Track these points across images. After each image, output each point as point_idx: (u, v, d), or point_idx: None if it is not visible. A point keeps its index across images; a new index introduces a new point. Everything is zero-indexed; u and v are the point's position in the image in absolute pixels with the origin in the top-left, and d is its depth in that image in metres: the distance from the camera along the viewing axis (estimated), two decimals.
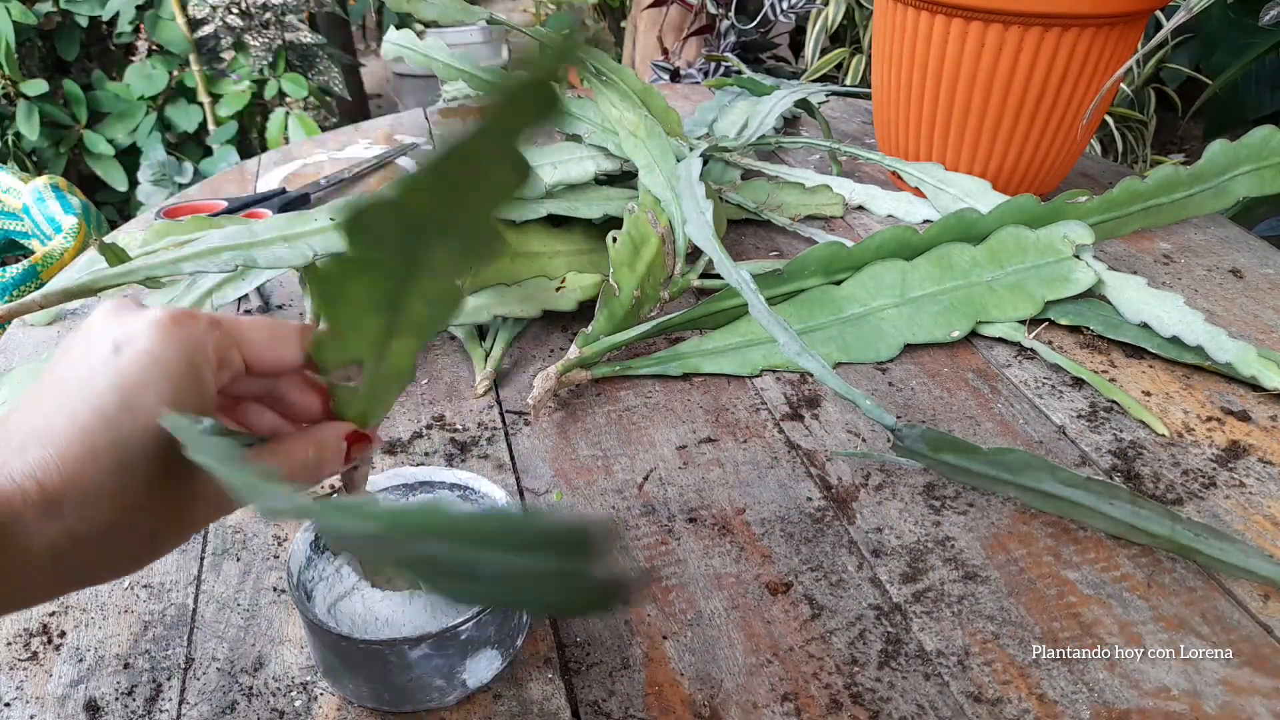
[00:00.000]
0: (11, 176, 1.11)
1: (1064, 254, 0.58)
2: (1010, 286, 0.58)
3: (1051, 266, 0.58)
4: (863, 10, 1.42)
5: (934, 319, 0.58)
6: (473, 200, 0.23)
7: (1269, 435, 0.50)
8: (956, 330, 0.58)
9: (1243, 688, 0.37)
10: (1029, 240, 0.59)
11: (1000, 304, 0.58)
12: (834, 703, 0.37)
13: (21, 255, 1.13)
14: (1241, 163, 0.65)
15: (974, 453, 0.43)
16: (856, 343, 0.57)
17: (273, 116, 1.67)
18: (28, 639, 0.40)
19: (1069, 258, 0.58)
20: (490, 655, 0.37)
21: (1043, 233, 0.59)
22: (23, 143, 1.63)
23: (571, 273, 0.61)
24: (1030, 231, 0.59)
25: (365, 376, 0.29)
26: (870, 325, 0.58)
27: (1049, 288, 0.58)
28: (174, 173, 1.66)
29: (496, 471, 0.49)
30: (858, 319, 0.58)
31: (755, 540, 0.44)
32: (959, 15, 0.65)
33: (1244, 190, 0.65)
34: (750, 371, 0.56)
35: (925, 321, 0.58)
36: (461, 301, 0.31)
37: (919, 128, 0.73)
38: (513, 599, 0.27)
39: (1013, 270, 0.59)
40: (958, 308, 0.58)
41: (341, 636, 0.34)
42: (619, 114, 0.66)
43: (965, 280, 0.59)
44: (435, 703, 0.36)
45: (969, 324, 0.58)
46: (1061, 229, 0.59)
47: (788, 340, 0.48)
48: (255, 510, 0.37)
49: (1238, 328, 0.60)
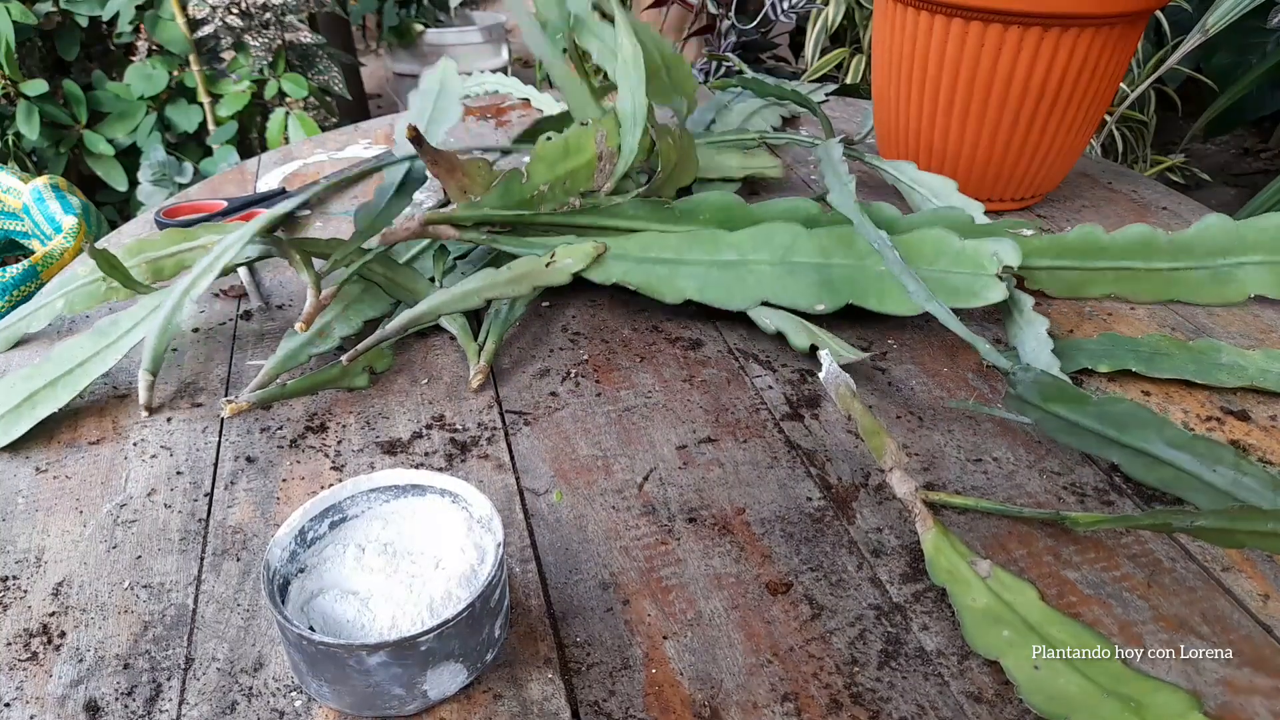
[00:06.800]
0: (11, 176, 1.11)
1: (985, 270, 0.55)
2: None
3: (964, 278, 0.56)
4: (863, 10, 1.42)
5: (805, 287, 0.57)
6: None
7: (1269, 435, 0.50)
8: (823, 304, 0.56)
9: (1243, 688, 0.37)
10: (952, 247, 0.56)
11: (882, 295, 0.56)
12: (834, 703, 0.37)
13: (21, 255, 1.13)
14: (1249, 249, 0.60)
15: (1084, 402, 0.43)
16: (714, 285, 0.57)
17: (273, 116, 1.67)
18: (28, 639, 0.40)
19: (989, 275, 0.55)
20: (454, 669, 0.36)
21: (971, 244, 0.56)
22: (23, 143, 1.63)
23: (560, 247, 0.60)
24: (958, 240, 0.56)
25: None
26: (736, 274, 0.58)
27: (948, 295, 0.55)
28: (174, 173, 1.66)
29: (496, 471, 0.49)
30: (728, 264, 0.58)
31: (755, 540, 0.44)
32: (959, 15, 0.66)
33: (1254, 285, 0.60)
34: (604, 280, 0.58)
35: (794, 286, 0.57)
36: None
37: (919, 127, 0.73)
38: None
39: (916, 269, 0.56)
40: (835, 284, 0.57)
41: (301, 635, 0.34)
42: (621, 41, 0.68)
43: (858, 262, 0.57)
44: (395, 711, 0.36)
45: (840, 302, 0.56)
46: (992, 245, 0.55)
47: (917, 289, 0.52)
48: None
49: (1237, 328, 0.60)
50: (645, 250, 0.59)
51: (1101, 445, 0.46)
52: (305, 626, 0.36)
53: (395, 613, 0.36)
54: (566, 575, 0.43)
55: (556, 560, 0.43)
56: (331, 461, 0.50)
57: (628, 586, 0.42)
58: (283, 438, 0.52)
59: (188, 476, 0.49)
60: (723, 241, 0.59)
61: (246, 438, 0.52)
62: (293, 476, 0.49)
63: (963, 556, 0.41)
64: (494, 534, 0.38)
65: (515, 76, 1.03)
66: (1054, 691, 0.35)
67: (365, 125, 0.99)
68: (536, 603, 0.41)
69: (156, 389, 0.56)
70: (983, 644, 0.38)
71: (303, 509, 0.40)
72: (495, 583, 0.37)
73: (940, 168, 0.74)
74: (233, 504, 0.47)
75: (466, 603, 0.35)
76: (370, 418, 0.53)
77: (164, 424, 0.53)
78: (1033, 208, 0.77)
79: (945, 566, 0.41)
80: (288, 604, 0.38)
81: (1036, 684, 0.36)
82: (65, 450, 0.52)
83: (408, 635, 0.34)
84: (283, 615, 0.35)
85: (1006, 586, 0.39)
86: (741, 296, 0.57)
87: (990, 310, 0.62)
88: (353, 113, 2.12)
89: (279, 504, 0.47)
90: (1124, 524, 0.43)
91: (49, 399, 0.53)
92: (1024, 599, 0.39)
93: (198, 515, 0.47)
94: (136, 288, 0.58)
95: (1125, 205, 0.78)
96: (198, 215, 0.76)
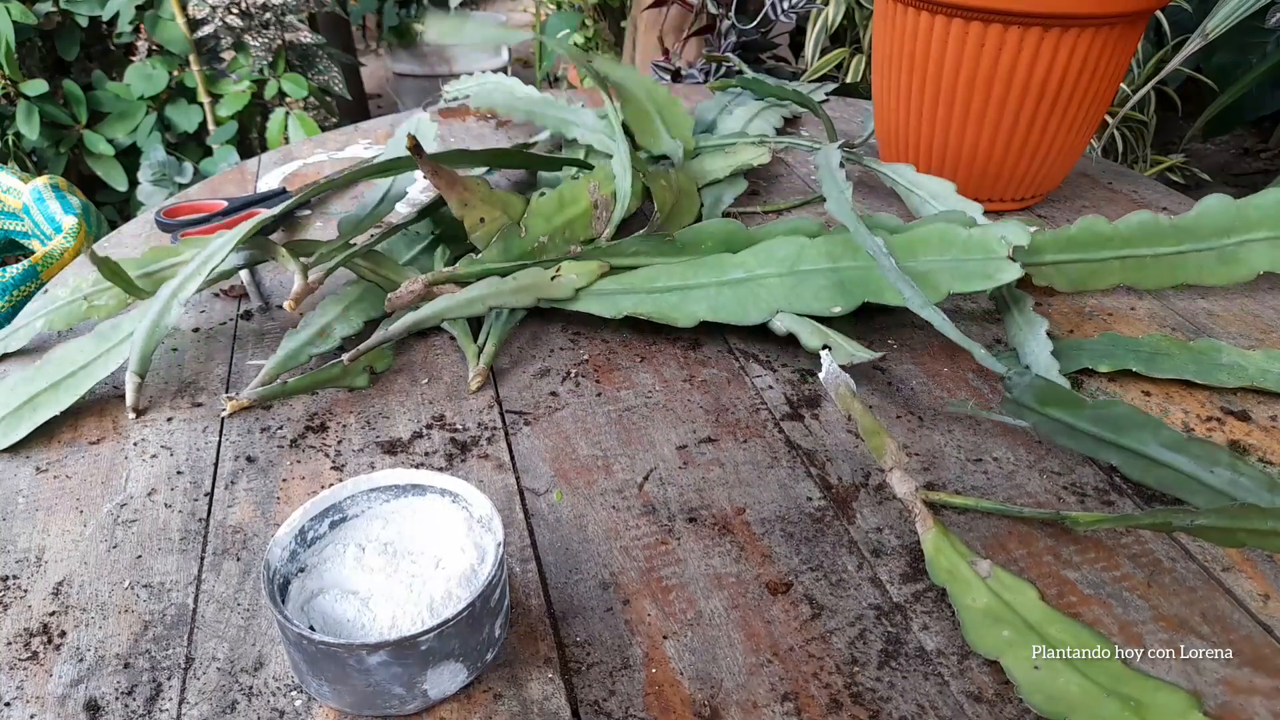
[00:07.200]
0: (11, 176, 1.11)
1: (996, 254, 0.55)
2: (917, 275, 0.56)
3: (976, 263, 0.55)
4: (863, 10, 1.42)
5: (817, 293, 0.57)
6: None
7: (1269, 435, 0.50)
8: (838, 307, 0.56)
9: (1243, 688, 0.37)
10: (958, 237, 0.56)
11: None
12: (834, 703, 0.37)
13: (21, 255, 1.13)
14: (1252, 227, 0.59)
15: (1079, 406, 0.43)
16: (727, 304, 0.58)
17: (273, 116, 1.67)
18: (28, 639, 0.40)
19: (1000, 258, 0.55)
20: (454, 669, 0.36)
21: (976, 232, 0.56)
22: (23, 143, 1.63)
23: (566, 261, 0.60)
24: (963, 229, 0.56)
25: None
26: (747, 289, 0.58)
27: (962, 281, 0.55)
28: (174, 173, 1.66)
29: (496, 471, 0.49)
30: (737, 283, 0.58)
31: (755, 540, 0.44)
32: (959, 15, 0.66)
33: (1262, 263, 0.60)
34: (615, 314, 0.58)
35: (806, 293, 0.57)
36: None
37: (919, 127, 0.73)
38: None
39: (926, 261, 0.56)
40: (847, 286, 0.57)
41: (301, 634, 0.34)
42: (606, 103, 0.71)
43: (866, 263, 0.57)
44: (395, 710, 0.36)
45: (855, 302, 0.56)
46: (999, 229, 0.56)
47: (912, 295, 0.52)
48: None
49: (1238, 327, 0.60)
50: (652, 281, 0.59)
51: (1099, 448, 0.46)
52: (305, 626, 0.36)
53: (395, 612, 0.36)
54: (566, 575, 0.43)
55: (556, 560, 0.43)
56: (332, 461, 0.50)
57: (628, 586, 0.42)
58: (283, 437, 0.52)
59: (188, 476, 0.49)
60: (728, 263, 0.59)
61: (247, 437, 0.52)
62: (293, 476, 0.49)
63: (963, 556, 0.41)
64: (494, 534, 0.38)
65: (515, 77, 1.03)
66: (1054, 691, 0.35)
67: (365, 125, 1.00)
68: (536, 602, 0.41)
69: (157, 389, 0.56)
70: (983, 644, 0.38)
71: (303, 509, 0.40)
72: (495, 582, 0.37)
73: (940, 167, 0.74)
74: (233, 504, 0.47)
75: (466, 602, 0.35)
76: (370, 418, 0.53)
77: (164, 424, 0.53)
78: (1033, 208, 0.77)
79: (945, 566, 0.41)
80: (288, 603, 0.38)
81: (1036, 684, 0.36)
82: (65, 450, 0.52)
83: (408, 635, 0.34)
84: (283, 615, 0.35)
85: (1006, 586, 0.39)
86: (755, 311, 0.57)
87: (990, 311, 0.62)
88: (353, 113, 2.11)
89: (279, 504, 0.47)
90: (1124, 523, 0.43)
91: (50, 402, 0.53)
92: (1024, 599, 0.39)
93: (198, 515, 0.47)
94: (138, 294, 0.58)
95: (1125, 205, 0.78)
96: (198, 215, 0.76)
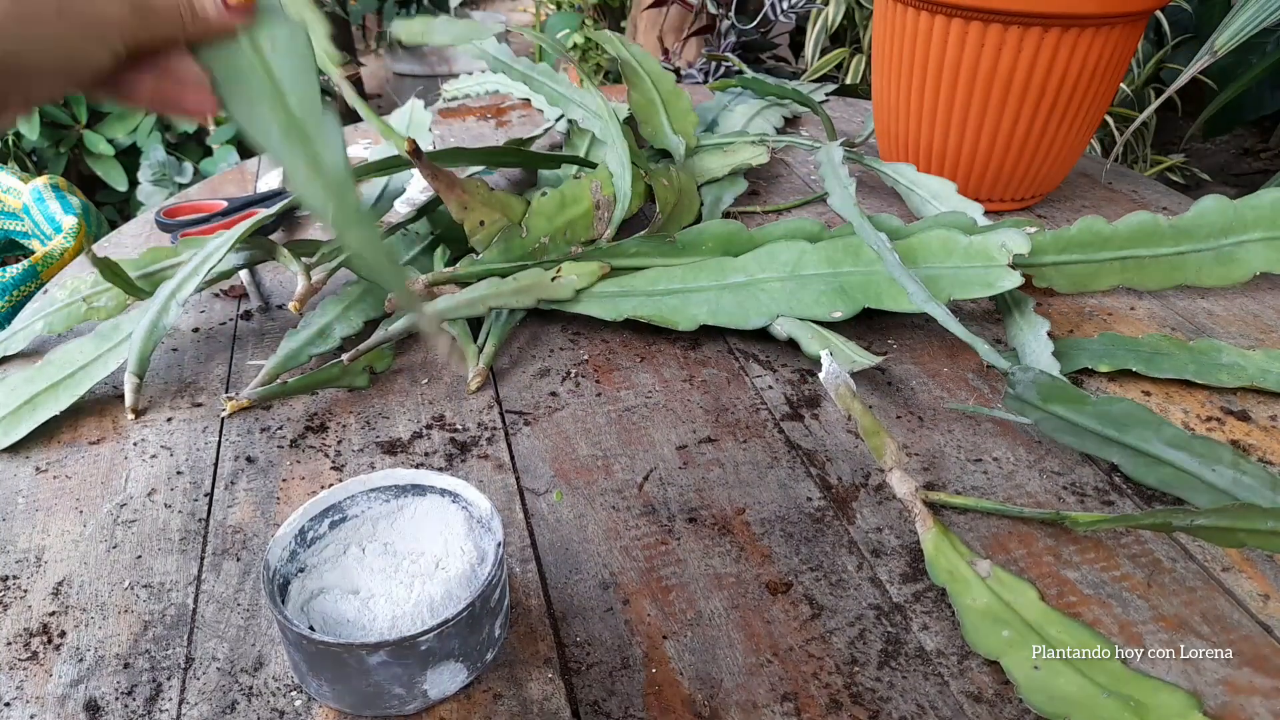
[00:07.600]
0: (11, 176, 1.11)
1: (996, 262, 0.55)
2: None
3: (977, 271, 0.56)
4: (863, 10, 1.42)
5: (818, 297, 0.57)
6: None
7: (1269, 435, 0.50)
8: (839, 312, 0.56)
9: (1243, 688, 0.37)
10: (958, 244, 0.57)
11: (897, 295, 0.56)
12: (834, 703, 0.37)
13: (21, 255, 1.13)
14: (1249, 227, 0.60)
15: (1083, 403, 0.43)
16: (728, 307, 0.58)
17: None
18: (28, 639, 0.40)
19: (1000, 266, 0.55)
20: (454, 669, 0.36)
21: (977, 239, 0.56)
22: (23, 143, 1.63)
23: (567, 262, 0.61)
24: (963, 236, 0.57)
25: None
26: (748, 293, 0.58)
27: (962, 288, 0.56)
28: (174, 173, 1.66)
29: (496, 471, 0.49)
30: (738, 287, 0.58)
31: (755, 540, 0.44)
32: (959, 15, 0.66)
33: (1259, 263, 0.60)
34: (615, 316, 0.59)
35: (807, 298, 0.57)
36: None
37: (919, 127, 0.73)
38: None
39: (926, 268, 0.57)
40: (848, 291, 0.57)
41: (301, 634, 0.34)
42: (601, 103, 0.71)
43: (867, 268, 0.57)
44: (395, 710, 0.36)
45: (856, 307, 0.56)
46: (999, 236, 0.56)
47: (916, 290, 0.52)
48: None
49: (1237, 327, 0.60)
50: (653, 284, 0.60)
51: (1101, 445, 0.46)
52: (305, 626, 0.36)
53: (395, 612, 0.36)
54: (566, 575, 0.43)
55: (556, 560, 0.43)
56: (331, 461, 0.50)
57: (628, 586, 0.42)
58: (283, 438, 0.52)
59: (188, 476, 0.49)
60: (729, 266, 0.59)
61: (247, 438, 0.52)
62: (293, 476, 0.49)
63: (963, 556, 0.41)
64: (494, 534, 0.38)
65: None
66: (1054, 691, 0.35)
67: (365, 125, 0.99)
68: (536, 603, 0.41)
69: (157, 389, 0.56)
70: (983, 644, 0.38)
71: (303, 509, 0.40)
72: (495, 582, 0.37)
73: (940, 167, 0.74)
74: (233, 504, 0.47)
75: (466, 602, 0.35)
76: (370, 418, 0.53)
77: (164, 424, 0.53)
78: (1033, 208, 0.77)
79: (945, 566, 0.41)
80: (288, 604, 0.38)
81: (1036, 684, 0.36)
82: (65, 450, 0.52)
83: (408, 635, 0.34)
84: (283, 615, 0.35)
85: (1006, 586, 0.39)
86: (756, 315, 0.57)
87: (990, 311, 0.62)
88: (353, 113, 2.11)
89: (279, 504, 0.47)
90: (1124, 523, 0.43)
91: (50, 402, 0.53)
92: (1024, 599, 0.39)
93: (198, 515, 0.47)
94: (138, 294, 0.58)
95: (1125, 205, 0.78)
96: (198, 215, 0.76)
